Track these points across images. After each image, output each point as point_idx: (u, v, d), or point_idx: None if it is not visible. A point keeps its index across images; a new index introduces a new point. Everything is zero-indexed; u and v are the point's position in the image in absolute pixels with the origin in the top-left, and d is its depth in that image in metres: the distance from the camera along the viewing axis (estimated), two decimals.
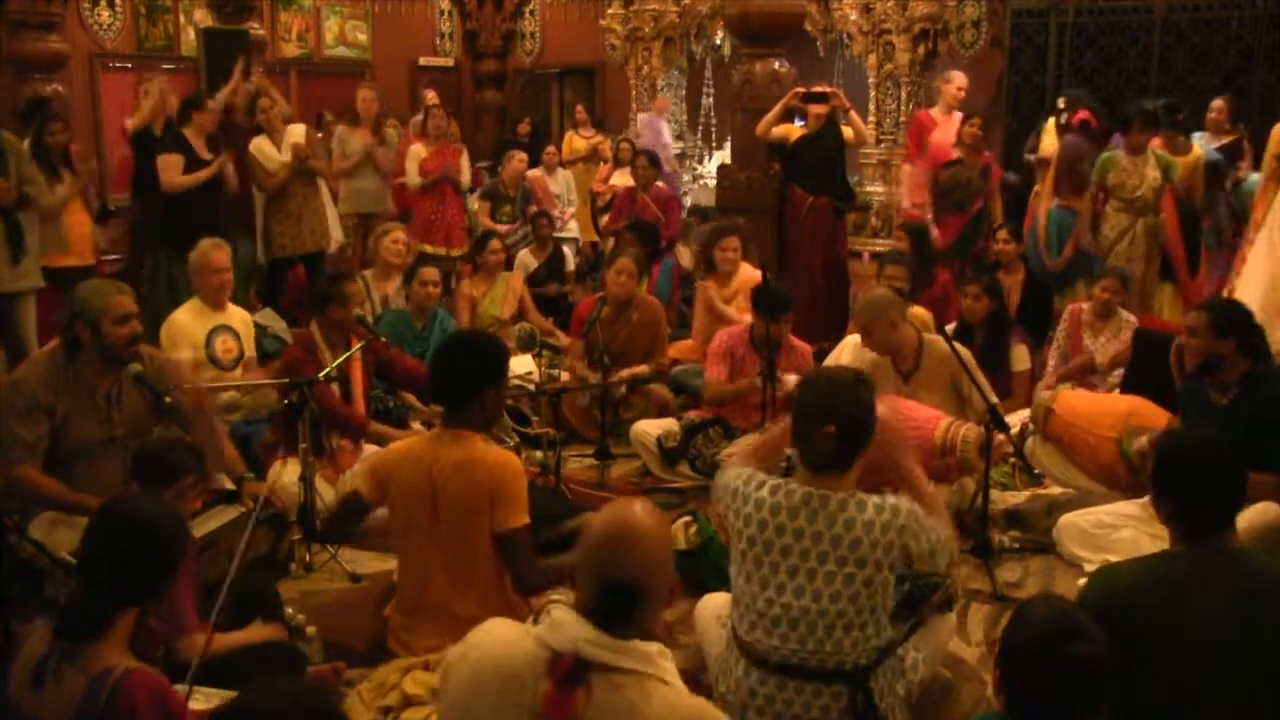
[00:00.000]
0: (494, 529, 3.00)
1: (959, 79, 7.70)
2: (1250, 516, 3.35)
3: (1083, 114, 7.10)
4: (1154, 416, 4.24)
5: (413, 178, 7.51)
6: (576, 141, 10.03)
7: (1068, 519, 4.07)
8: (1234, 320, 3.71)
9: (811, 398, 2.70)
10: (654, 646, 1.85)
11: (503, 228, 7.66)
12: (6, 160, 5.45)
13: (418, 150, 7.58)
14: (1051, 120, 7.40)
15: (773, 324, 4.74)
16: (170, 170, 6.30)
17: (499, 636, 1.91)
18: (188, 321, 4.82)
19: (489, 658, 1.88)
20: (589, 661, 1.79)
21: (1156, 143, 6.47)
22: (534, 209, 8.07)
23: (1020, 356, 5.21)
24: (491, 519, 3.00)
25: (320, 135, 8.36)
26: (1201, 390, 3.79)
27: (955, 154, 7.01)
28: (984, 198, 6.87)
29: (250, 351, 5.01)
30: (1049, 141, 7.23)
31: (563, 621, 1.84)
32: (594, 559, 1.87)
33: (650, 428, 5.05)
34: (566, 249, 8.24)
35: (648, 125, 10.02)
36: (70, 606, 2.17)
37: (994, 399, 4.28)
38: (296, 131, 7.04)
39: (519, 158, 8.23)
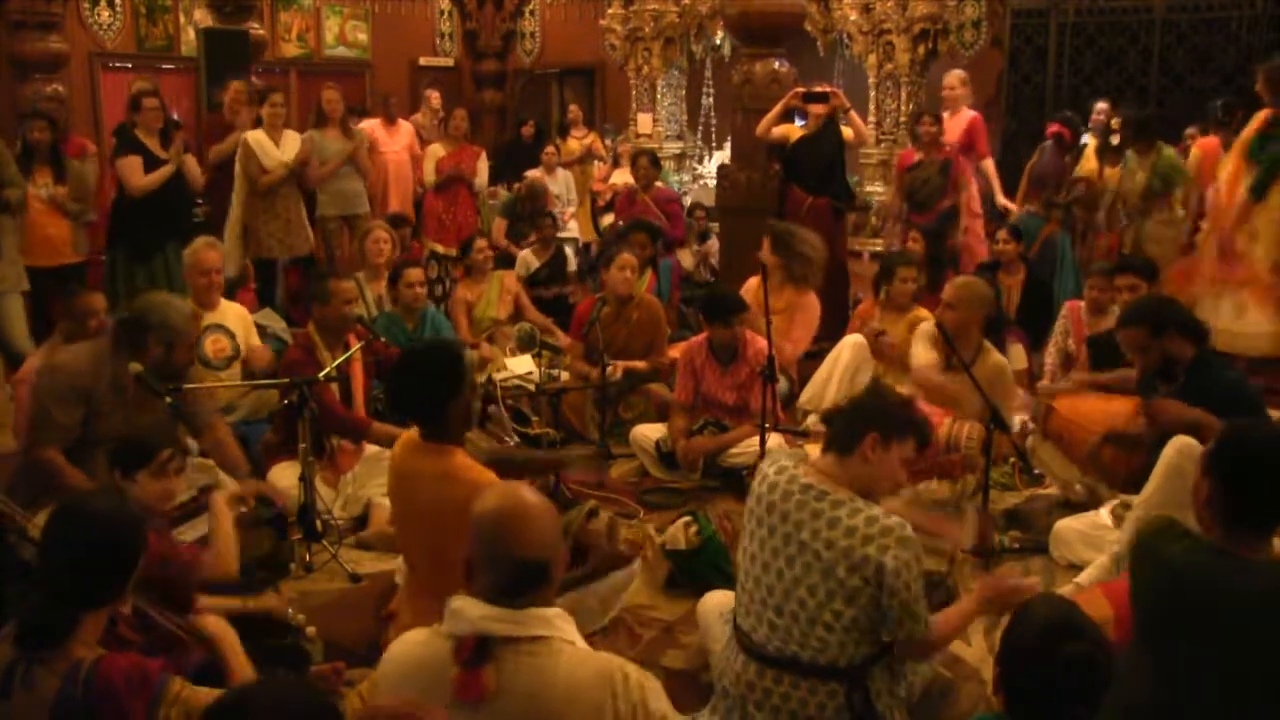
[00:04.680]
0: None
1: (947, 78, 7.70)
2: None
3: (1055, 128, 7.18)
4: None
5: (429, 176, 7.58)
6: (570, 144, 10.04)
7: (1063, 524, 4.08)
8: (1163, 313, 3.77)
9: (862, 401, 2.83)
10: (552, 610, 1.94)
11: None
12: None
13: (436, 150, 7.66)
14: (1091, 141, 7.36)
15: (721, 327, 4.77)
16: (132, 173, 6.23)
17: (411, 640, 2.00)
18: None
19: (406, 662, 1.97)
20: (493, 637, 1.86)
21: (1208, 142, 6.52)
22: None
23: (1017, 356, 5.22)
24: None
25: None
26: (1153, 386, 3.88)
27: (916, 155, 6.99)
28: (948, 196, 6.86)
29: (250, 344, 5.00)
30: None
31: (460, 608, 1.91)
32: (497, 544, 1.93)
33: (649, 431, 5.05)
34: (567, 249, 8.25)
35: None
36: (32, 615, 2.14)
37: (1014, 417, 4.31)
38: (291, 137, 7.02)
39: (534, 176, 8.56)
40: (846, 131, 6.91)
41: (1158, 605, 2.24)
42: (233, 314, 5.01)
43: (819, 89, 6.77)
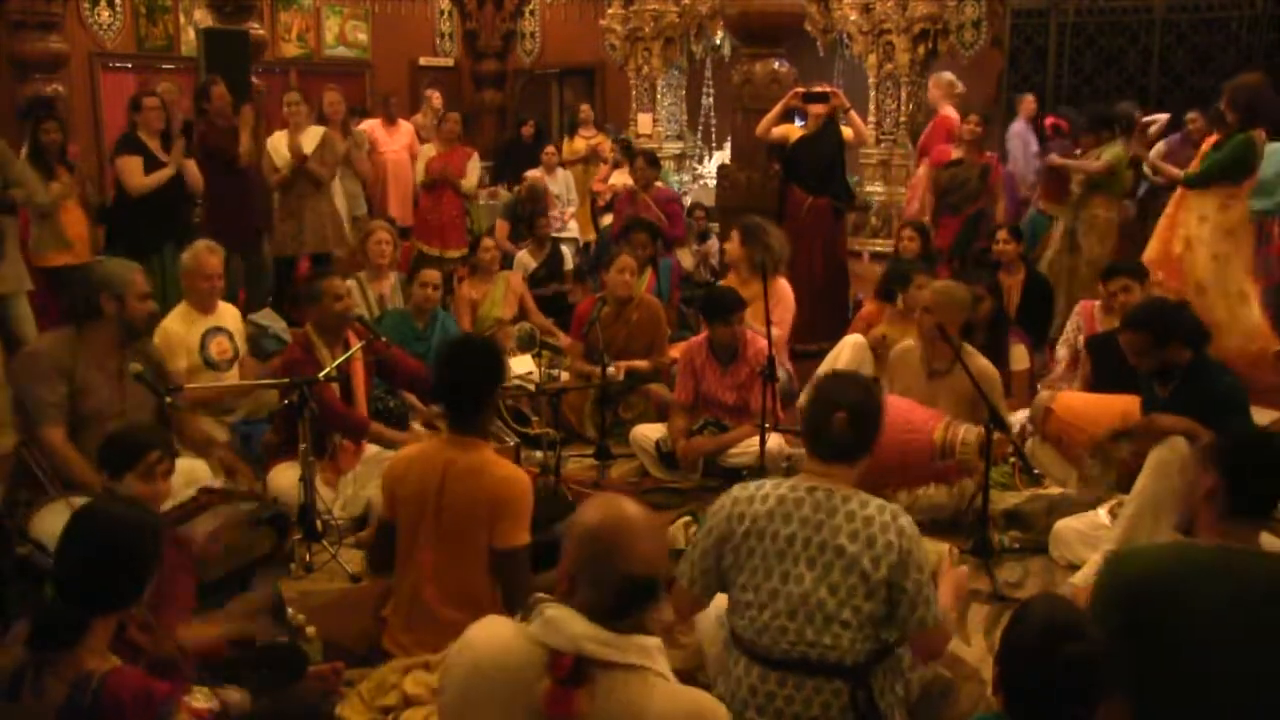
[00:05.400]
0: (493, 544, 3.00)
1: (930, 80, 7.78)
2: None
3: (1051, 119, 7.25)
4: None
5: (418, 176, 7.68)
6: (576, 142, 10.05)
7: (1063, 524, 4.08)
8: (1168, 322, 3.77)
9: (823, 390, 2.78)
10: (653, 641, 1.86)
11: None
12: None
13: (427, 150, 7.75)
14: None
15: (722, 326, 4.77)
16: (132, 173, 6.22)
17: (496, 634, 1.91)
18: (179, 328, 4.79)
19: (487, 656, 1.88)
20: (591, 659, 1.79)
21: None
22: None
23: (1019, 356, 5.20)
24: (492, 533, 3.00)
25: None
26: (1150, 384, 3.90)
27: (955, 153, 7.00)
28: (981, 200, 6.86)
29: (243, 348, 5.01)
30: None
31: (559, 619, 1.82)
32: (604, 558, 1.85)
33: (649, 431, 5.04)
34: (566, 249, 8.25)
35: (1019, 137, 8.40)
36: (45, 617, 2.14)
37: (1009, 418, 4.29)
38: (314, 134, 7.04)
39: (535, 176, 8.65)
40: (846, 131, 6.91)
41: (1134, 609, 2.24)
42: (228, 315, 5.01)
43: (819, 89, 6.77)
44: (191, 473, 3.93)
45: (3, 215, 5.66)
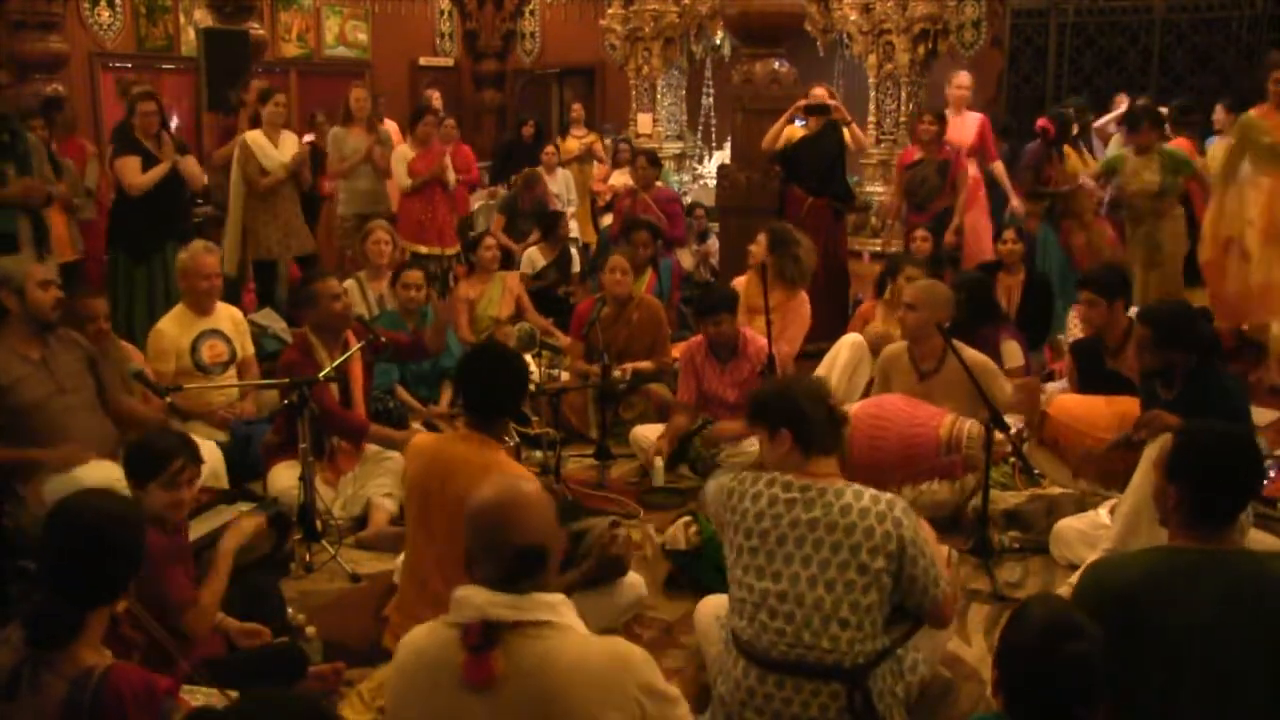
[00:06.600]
0: None
1: (958, 78, 7.71)
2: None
3: (1042, 122, 7.22)
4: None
5: (401, 180, 7.41)
6: (569, 142, 10.03)
7: (1063, 524, 4.09)
8: (1176, 330, 3.77)
9: (804, 391, 2.81)
10: (555, 596, 1.97)
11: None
12: (30, 160, 5.45)
13: (404, 152, 7.47)
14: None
15: (711, 325, 4.76)
16: (130, 172, 6.20)
17: (418, 633, 2.04)
18: (172, 330, 4.78)
19: (411, 652, 2.01)
20: (497, 623, 1.90)
21: (1181, 144, 6.55)
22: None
23: (1011, 353, 5.16)
24: None
25: (313, 136, 8.34)
26: (1153, 385, 3.91)
27: (917, 154, 6.98)
28: (945, 197, 6.82)
29: (245, 351, 4.98)
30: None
31: (465, 595, 1.95)
32: (495, 533, 1.97)
33: (649, 432, 5.04)
34: (573, 250, 8.25)
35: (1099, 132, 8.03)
36: (38, 614, 2.14)
37: (1005, 397, 4.31)
38: (291, 137, 7.00)
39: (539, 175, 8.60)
40: (845, 135, 6.90)
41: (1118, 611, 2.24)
42: (228, 318, 4.98)
43: (819, 102, 6.73)
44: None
45: (42, 209, 5.66)
